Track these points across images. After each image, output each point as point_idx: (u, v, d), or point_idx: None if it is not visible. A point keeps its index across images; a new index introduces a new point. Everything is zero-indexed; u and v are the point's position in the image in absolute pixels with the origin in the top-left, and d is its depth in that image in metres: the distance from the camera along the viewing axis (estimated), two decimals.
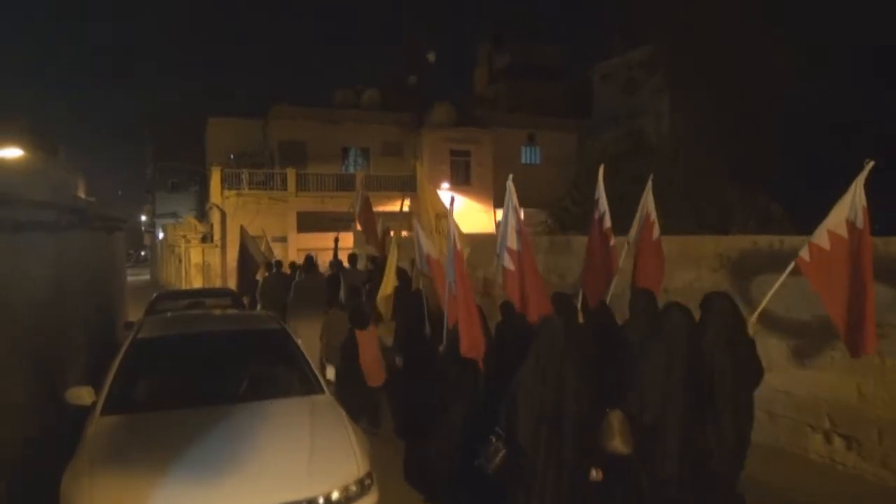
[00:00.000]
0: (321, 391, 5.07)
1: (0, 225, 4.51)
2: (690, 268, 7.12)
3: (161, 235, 39.99)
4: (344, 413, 4.75)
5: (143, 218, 54.10)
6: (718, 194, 14.22)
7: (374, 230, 10.85)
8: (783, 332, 6.14)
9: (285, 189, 28.27)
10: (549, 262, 9.43)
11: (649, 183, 6.25)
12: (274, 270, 11.79)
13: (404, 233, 10.41)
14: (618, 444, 3.88)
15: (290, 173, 28.42)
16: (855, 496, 5.30)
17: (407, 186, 30.64)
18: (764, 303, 4.82)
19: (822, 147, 13.74)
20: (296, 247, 26.12)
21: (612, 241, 6.07)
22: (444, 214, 7.98)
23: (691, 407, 3.94)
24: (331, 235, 12.98)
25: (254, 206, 27.54)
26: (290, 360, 5.45)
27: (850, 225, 4.34)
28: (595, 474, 3.91)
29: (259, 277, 12.41)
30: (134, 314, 14.72)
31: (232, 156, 30.47)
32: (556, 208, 16.66)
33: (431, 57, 38.98)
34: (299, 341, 5.82)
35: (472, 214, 28.97)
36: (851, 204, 4.35)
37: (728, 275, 6.71)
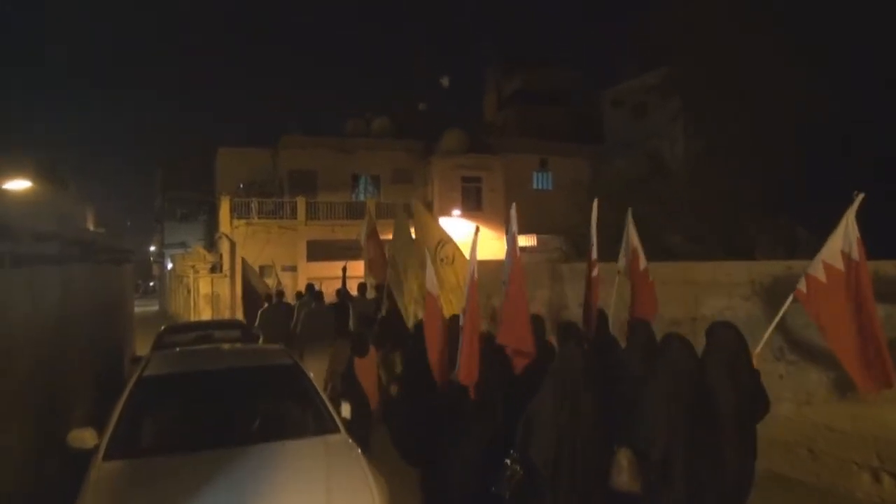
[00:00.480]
0: (337, 430, 4.85)
1: None
2: (722, 295, 6.86)
3: (170, 266, 40.01)
4: (361, 454, 4.52)
5: (152, 248, 54.32)
6: (739, 218, 14.01)
7: (380, 258, 10.70)
8: (823, 364, 5.87)
9: (295, 218, 28.33)
10: (570, 291, 9.18)
11: (629, 214, 6.37)
12: (273, 301, 11.80)
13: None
14: (626, 480, 3.92)
15: (300, 202, 28.48)
16: None
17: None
18: (767, 334, 4.69)
19: (846, 167, 13.52)
20: (306, 276, 26.01)
21: (595, 272, 6.27)
22: (446, 240, 8.40)
23: (696, 441, 3.90)
24: (341, 264, 12.90)
25: (263, 235, 27.55)
26: (303, 398, 5.24)
27: (846, 256, 4.32)
28: None
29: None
30: (142, 346, 14.59)
31: (241, 185, 30.59)
32: (573, 234, 16.49)
33: (445, 82, 39.05)
34: (311, 374, 5.60)
35: (483, 241, 28.58)
36: (845, 235, 4.34)
37: (761, 302, 6.46)
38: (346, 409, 5.36)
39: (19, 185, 15.37)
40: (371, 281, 11.37)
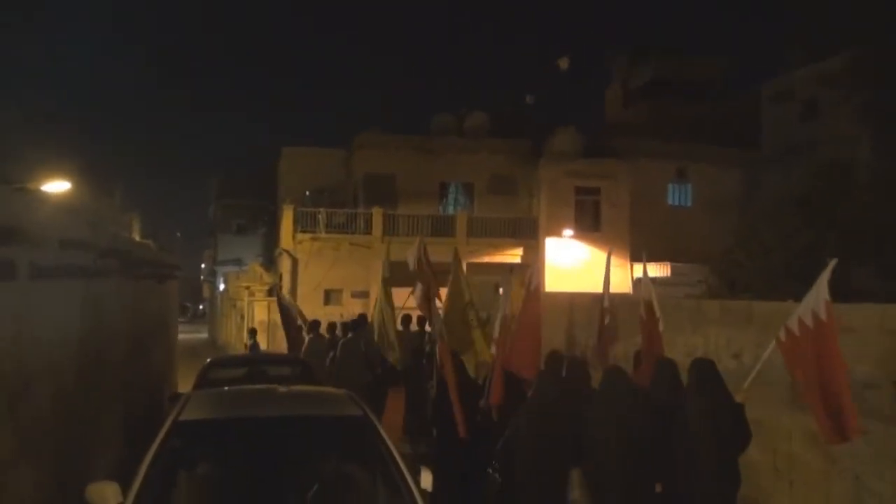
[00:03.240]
0: None
1: (9, 270, 4.38)
2: None
3: (222, 286, 41.46)
4: None
5: (203, 265, 56.58)
6: None
7: (426, 287, 11.22)
8: None
9: (370, 233, 28.63)
10: (719, 337, 8.61)
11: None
12: (311, 334, 13.01)
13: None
14: (576, 494, 5.48)
15: (377, 214, 28.80)
16: None
17: (520, 232, 30.51)
18: (754, 373, 5.78)
19: None
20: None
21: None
22: (472, 305, 9.90)
23: (638, 465, 5.35)
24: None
25: (331, 252, 27.98)
26: (373, 460, 5.06)
27: (815, 315, 5.42)
28: None
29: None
30: (184, 382, 14.98)
31: (308, 192, 31.27)
32: (723, 263, 15.80)
33: (563, 63, 37.96)
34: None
35: (600, 270, 27.97)
36: (816, 297, 5.44)
37: None
38: (426, 479, 5.14)
39: (58, 186, 16.26)
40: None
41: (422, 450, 9.43)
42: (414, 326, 13.31)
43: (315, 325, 13.13)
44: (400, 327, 12.52)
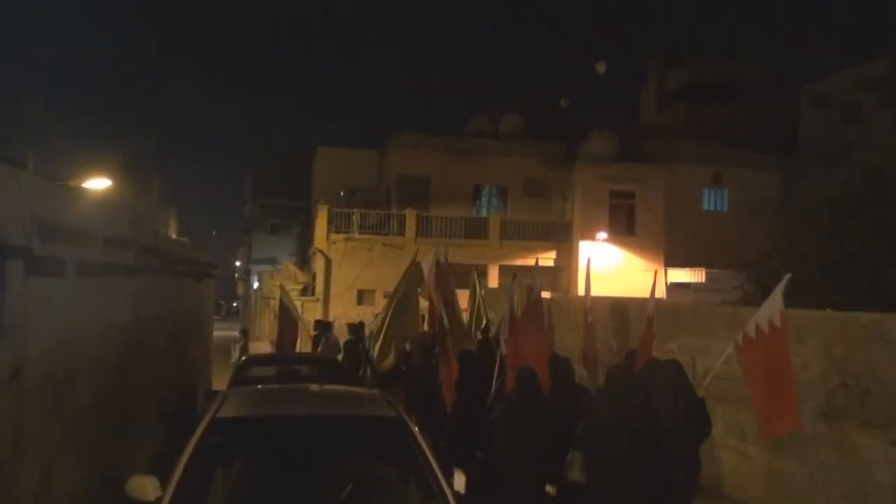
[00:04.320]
0: None
1: (58, 267, 4.49)
2: None
3: (256, 284, 41.84)
4: None
5: (237, 263, 57.13)
6: None
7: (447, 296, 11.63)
8: None
9: (403, 234, 28.79)
10: None
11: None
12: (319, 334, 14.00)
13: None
14: (576, 474, 6.00)
15: (410, 215, 28.92)
16: None
17: (554, 235, 30.42)
18: (713, 373, 7.00)
19: None
20: None
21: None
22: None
23: (636, 450, 5.80)
24: (459, 292, 12.88)
25: (365, 253, 28.13)
26: (407, 461, 5.08)
27: (771, 323, 6.11)
28: (550, 490, 6.35)
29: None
30: (219, 379, 15.17)
31: (342, 193, 31.44)
32: (759, 269, 15.58)
33: (600, 67, 37.91)
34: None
35: (634, 275, 27.88)
36: (772, 306, 6.16)
37: None
38: (459, 481, 5.15)
39: (99, 183, 16.58)
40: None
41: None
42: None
43: (326, 326, 14.23)
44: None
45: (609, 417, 6.01)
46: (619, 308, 11.21)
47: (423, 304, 12.74)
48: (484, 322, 12.38)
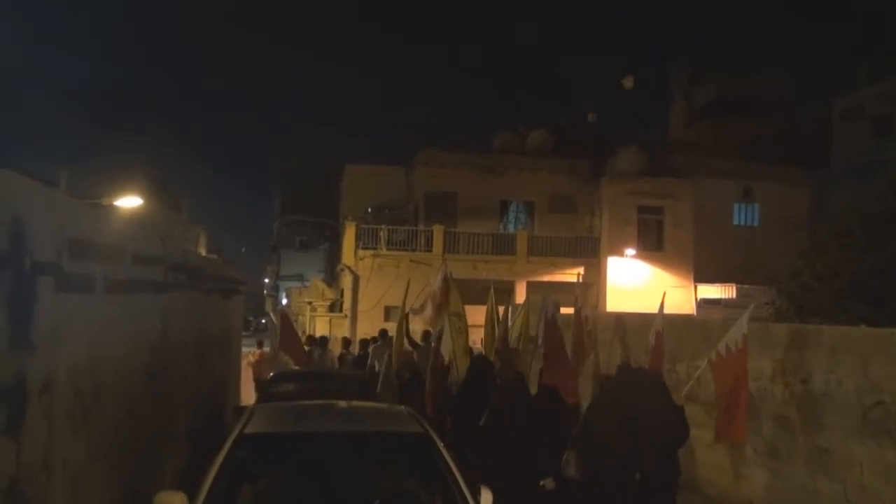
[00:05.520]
0: None
1: (88, 284, 4.53)
2: None
3: (284, 301, 42.11)
4: None
5: (266, 280, 57.57)
6: None
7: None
8: None
9: (430, 250, 28.81)
10: (787, 361, 8.37)
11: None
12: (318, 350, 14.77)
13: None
14: (572, 470, 6.68)
15: (437, 231, 28.95)
16: None
17: (581, 251, 30.27)
18: (689, 386, 7.78)
19: None
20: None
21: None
22: (460, 315, 11.13)
23: (623, 451, 6.30)
24: (483, 309, 12.83)
25: (392, 269, 28.16)
26: (434, 477, 5.05)
27: (736, 343, 7.05)
28: (550, 485, 7.04)
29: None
30: (247, 394, 15.23)
31: (370, 209, 31.59)
32: (791, 285, 15.40)
33: (628, 83, 37.74)
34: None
35: (663, 291, 27.55)
36: (739, 329, 7.08)
37: None
38: (486, 498, 5.10)
39: (130, 202, 16.83)
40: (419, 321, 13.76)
41: None
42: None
43: (321, 340, 15.48)
44: (422, 343, 13.47)
45: (600, 422, 6.64)
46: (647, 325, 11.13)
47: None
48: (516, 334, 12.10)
